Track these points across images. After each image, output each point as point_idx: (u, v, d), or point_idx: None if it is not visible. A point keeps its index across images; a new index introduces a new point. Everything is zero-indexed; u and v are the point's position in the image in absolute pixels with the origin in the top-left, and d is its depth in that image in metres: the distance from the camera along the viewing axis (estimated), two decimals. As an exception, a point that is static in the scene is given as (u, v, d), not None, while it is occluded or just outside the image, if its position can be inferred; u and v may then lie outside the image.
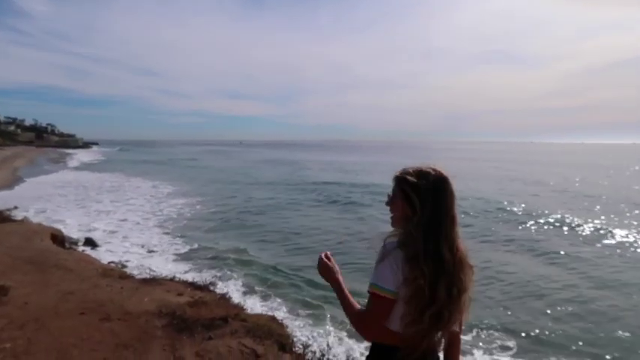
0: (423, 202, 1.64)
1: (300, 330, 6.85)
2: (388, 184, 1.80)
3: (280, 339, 4.98)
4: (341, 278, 1.85)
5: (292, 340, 5.18)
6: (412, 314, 1.61)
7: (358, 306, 1.76)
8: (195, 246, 14.03)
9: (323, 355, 4.14)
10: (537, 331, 7.97)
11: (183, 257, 12.55)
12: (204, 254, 12.70)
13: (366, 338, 1.75)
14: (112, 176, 39.97)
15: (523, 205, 22.53)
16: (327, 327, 7.46)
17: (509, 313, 8.77)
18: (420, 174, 1.69)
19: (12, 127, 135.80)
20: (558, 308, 9.09)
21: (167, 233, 16.18)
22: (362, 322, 1.70)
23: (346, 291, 1.81)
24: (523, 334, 7.80)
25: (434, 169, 1.71)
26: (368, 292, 1.66)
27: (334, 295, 1.86)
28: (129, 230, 16.53)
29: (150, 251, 13.28)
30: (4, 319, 4.74)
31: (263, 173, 46.12)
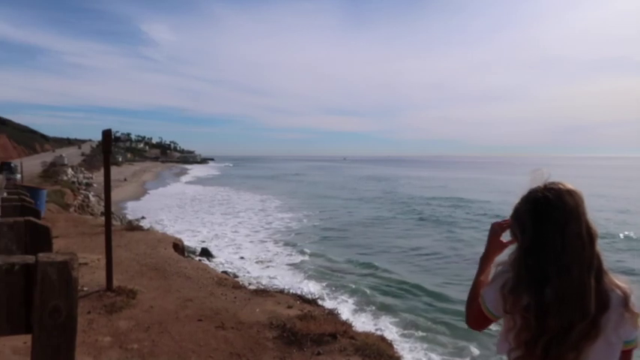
0: (522, 226, 1.46)
1: (410, 353, 6.59)
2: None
3: (390, 360, 4.79)
4: (496, 252, 1.69)
5: (402, 363, 4.97)
6: (511, 343, 1.43)
7: (485, 282, 1.63)
8: (304, 259, 14.33)
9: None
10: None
11: (292, 269, 12.86)
12: (313, 267, 12.91)
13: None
14: (224, 190, 42.48)
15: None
16: (440, 351, 7.10)
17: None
18: (527, 195, 1.49)
19: (141, 145, 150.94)
20: None
21: (276, 245, 16.72)
22: (467, 308, 1.67)
23: (489, 263, 1.67)
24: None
25: (543, 187, 1.47)
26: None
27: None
28: (240, 242, 17.34)
29: (260, 262, 13.79)
30: (133, 321, 5.10)
31: (366, 189, 46.11)
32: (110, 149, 5.74)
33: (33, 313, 1.99)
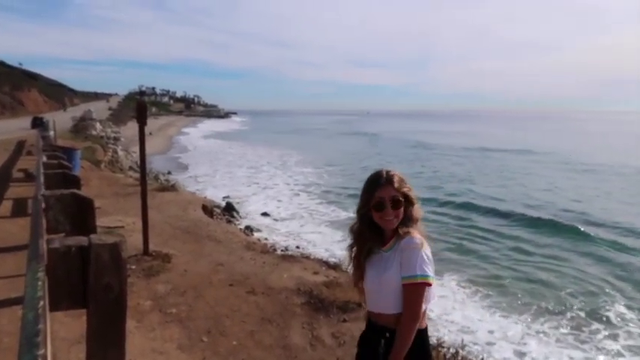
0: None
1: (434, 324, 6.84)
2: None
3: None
4: None
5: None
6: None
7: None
8: (329, 217, 14.65)
9: (457, 353, 4.12)
10: None
11: (318, 227, 13.19)
12: (337, 225, 13.13)
13: (417, 327, 1.98)
14: (245, 145, 42.77)
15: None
16: (462, 315, 7.34)
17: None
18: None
19: (166, 99, 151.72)
20: None
21: (299, 201, 17.10)
22: (418, 318, 1.96)
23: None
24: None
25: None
26: (414, 283, 1.91)
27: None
28: (262, 197, 17.73)
29: (283, 219, 14.15)
30: (169, 285, 5.44)
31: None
32: (145, 120, 5.93)
33: (88, 289, 2.23)
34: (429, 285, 1.94)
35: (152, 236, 6.62)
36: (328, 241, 11.61)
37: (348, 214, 13.85)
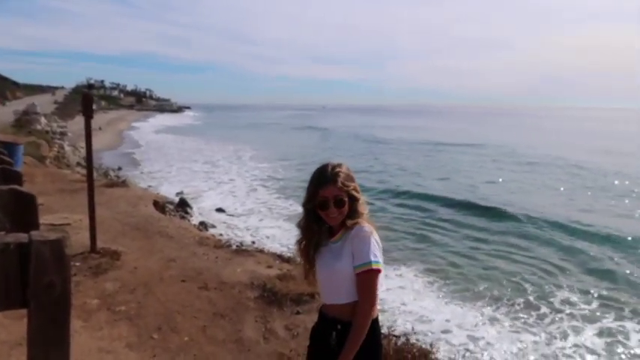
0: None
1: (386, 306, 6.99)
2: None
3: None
4: None
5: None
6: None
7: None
8: (281, 210, 14.64)
9: (408, 341, 4.23)
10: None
11: (271, 221, 13.16)
12: (290, 221, 13.13)
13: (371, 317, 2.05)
14: (197, 140, 42.07)
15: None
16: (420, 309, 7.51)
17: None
18: None
19: (116, 92, 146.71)
20: None
21: (253, 196, 17.00)
22: (375, 305, 2.04)
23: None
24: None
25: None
26: (368, 270, 1.96)
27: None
28: (216, 192, 17.52)
29: (237, 214, 14.04)
30: (118, 283, 5.30)
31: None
32: (91, 113, 5.72)
33: (29, 288, 2.16)
34: (380, 271, 2.00)
35: (100, 233, 6.42)
36: (286, 235, 11.60)
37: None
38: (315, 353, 2.22)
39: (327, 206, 2.01)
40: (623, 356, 6.66)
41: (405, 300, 7.73)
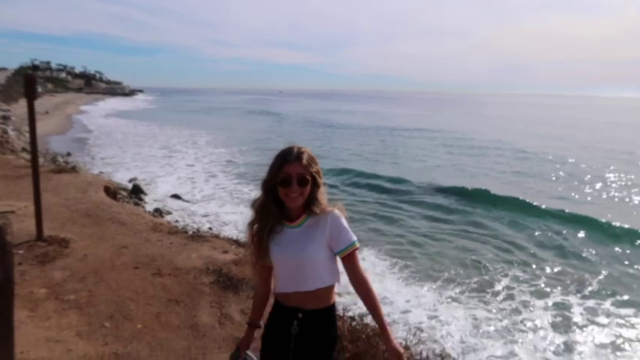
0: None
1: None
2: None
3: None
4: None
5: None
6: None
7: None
8: (240, 195, 14.53)
9: (362, 321, 4.31)
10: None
11: (229, 206, 13.04)
12: (239, 208, 13.04)
13: (326, 303, 2.11)
14: (151, 125, 40.97)
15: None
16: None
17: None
18: None
19: (63, 74, 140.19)
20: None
21: (210, 181, 16.79)
22: (369, 279, 2.07)
23: None
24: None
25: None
26: (352, 252, 2.01)
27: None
28: (171, 178, 17.17)
29: (194, 200, 13.82)
30: (67, 271, 5.13)
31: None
32: (34, 95, 5.44)
33: (-31, 277, 2.07)
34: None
35: (47, 221, 6.18)
36: (247, 221, 11.54)
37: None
38: (273, 344, 2.13)
39: (290, 183, 1.95)
40: (566, 327, 7.08)
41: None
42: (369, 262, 9.11)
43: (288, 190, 1.96)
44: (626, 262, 10.04)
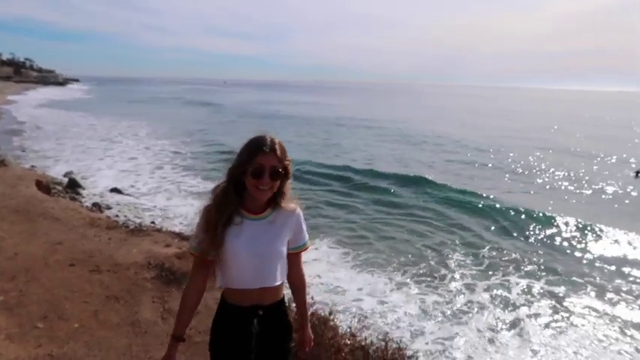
0: None
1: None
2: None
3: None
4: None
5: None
6: None
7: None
8: (184, 187, 14.17)
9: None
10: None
11: (171, 198, 12.71)
12: (188, 201, 12.74)
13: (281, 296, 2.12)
14: (87, 115, 39.13)
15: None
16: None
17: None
18: None
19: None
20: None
21: (154, 173, 16.26)
22: None
23: None
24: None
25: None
26: (304, 249, 2.09)
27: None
28: (111, 171, 16.48)
29: (136, 194, 13.34)
30: (-5, 271, 4.81)
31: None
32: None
33: None
34: None
35: (-29, 218, 5.78)
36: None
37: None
38: (231, 349, 1.96)
39: (262, 175, 1.82)
40: (505, 305, 7.45)
41: (320, 272, 7.96)
42: (322, 251, 9.17)
43: (258, 182, 1.83)
44: (556, 244, 10.73)
